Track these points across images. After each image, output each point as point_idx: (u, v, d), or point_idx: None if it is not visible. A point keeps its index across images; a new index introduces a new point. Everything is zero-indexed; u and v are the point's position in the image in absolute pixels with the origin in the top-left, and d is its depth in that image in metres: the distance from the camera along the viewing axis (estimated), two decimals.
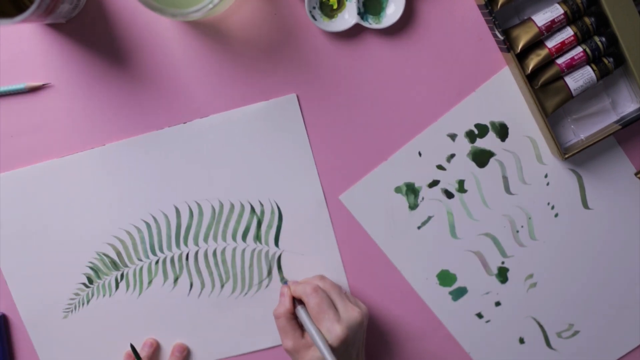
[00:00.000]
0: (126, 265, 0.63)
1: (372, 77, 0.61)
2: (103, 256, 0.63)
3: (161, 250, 0.63)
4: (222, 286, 0.64)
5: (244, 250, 0.63)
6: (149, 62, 0.60)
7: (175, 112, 0.61)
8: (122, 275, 0.63)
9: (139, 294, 0.63)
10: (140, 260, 0.63)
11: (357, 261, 0.64)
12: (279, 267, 0.63)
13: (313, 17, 0.59)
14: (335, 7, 0.59)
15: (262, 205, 0.62)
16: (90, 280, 0.63)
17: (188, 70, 0.60)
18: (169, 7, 0.50)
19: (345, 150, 0.62)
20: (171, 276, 0.63)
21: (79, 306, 0.64)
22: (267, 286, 0.64)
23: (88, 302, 0.63)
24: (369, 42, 0.60)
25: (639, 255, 0.64)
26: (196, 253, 0.63)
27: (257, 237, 0.63)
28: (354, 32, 0.60)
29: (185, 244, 0.63)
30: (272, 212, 0.62)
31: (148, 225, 0.62)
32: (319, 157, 0.62)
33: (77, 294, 0.63)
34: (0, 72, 0.60)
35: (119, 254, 0.63)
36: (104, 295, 0.63)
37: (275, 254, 0.63)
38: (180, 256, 0.63)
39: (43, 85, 0.60)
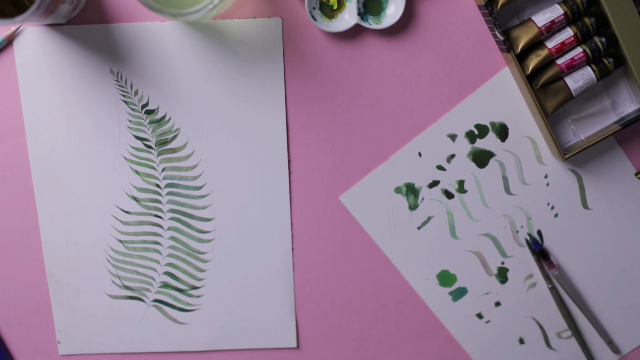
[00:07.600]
0: None
1: (372, 77, 0.61)
2: None
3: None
4: None
5: None
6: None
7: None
8: None
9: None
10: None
11: (356, 261, 0.64)
12: None
13: (313, 17, 0.59)
14: (335, 7, 0.59)
15: None
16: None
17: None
18: (169, 7, 0.50)
19: (345, 150, 0.62)
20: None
21: None
22: None
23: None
24: (369, 42, 0.60)
25: (639, 255, 0.64)
26: None
27: None
28: (354, 33, 0.60)
29: None
30: None
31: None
32: (319, 158, 0.62)
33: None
34: None
35: None
36: None
37: None
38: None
39: (18, 28, 0.59)
